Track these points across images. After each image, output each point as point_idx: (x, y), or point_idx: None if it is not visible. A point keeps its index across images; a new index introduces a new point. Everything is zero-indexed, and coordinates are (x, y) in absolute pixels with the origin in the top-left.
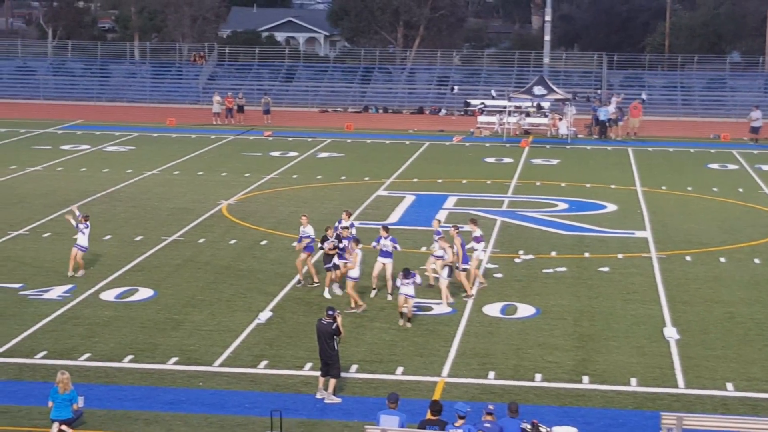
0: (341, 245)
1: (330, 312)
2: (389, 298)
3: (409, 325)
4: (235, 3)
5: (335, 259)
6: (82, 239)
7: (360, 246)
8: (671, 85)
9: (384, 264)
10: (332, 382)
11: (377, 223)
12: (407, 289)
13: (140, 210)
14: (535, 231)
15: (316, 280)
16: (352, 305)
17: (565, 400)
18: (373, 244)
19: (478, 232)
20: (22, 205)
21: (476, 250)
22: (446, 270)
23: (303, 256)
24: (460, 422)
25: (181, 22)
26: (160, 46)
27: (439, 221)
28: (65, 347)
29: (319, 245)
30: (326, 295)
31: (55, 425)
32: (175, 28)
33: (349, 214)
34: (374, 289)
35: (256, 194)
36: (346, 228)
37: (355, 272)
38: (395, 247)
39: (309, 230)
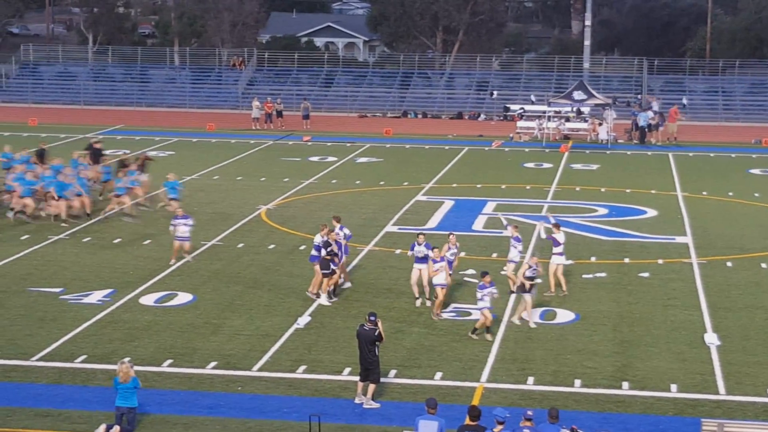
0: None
1: (372, 318)
2: (428, 303)
3: (489, 337)
4: (275, 8)
5: (332, 266)
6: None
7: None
8: (712, 90)
9: (420, 270)
10: (371, 387)
11: (416, 229)
12: (484, 303)
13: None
14: (575, 236)
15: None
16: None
17: (605, 406)
18: (409, 252)
19: (561, 237)
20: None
21: (555, 254)
22: (531, 291)
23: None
24: (499, 428)
25: (221, 28)
26: (200, 52)
27: (517, 227)
28: (105, 351)
29: (323, 251)
30: (324, 302)
31: (119, 412)
32: (215, 33)
33: (338, 220)
34: (417, 297)
35: (295, 199)
36: (333, 232)
37: (440, 278)
38: (428, 254)
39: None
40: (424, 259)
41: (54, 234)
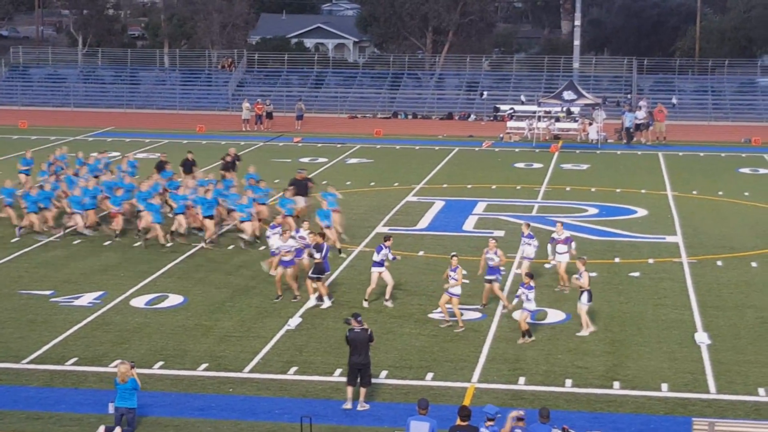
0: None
1: (359, 318)
2: (389, 304)
3: (529, 340)
4: (265, 10)
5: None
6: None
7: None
8: (702, 89)
9: (380, 273)
10: (363, 390)
11: (407, 229)
12: (530, 305)
13: (170, 217)
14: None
15: (297, 294)
16: (447, 319)
17: (596, 405)
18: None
19: (564, 234)
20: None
21: (559, 253)
22: (585, 295)
23: (286, 270)
24: (489, 423)
25: (211, 29)
26: (190, 53)
27: (528, 225)
28: (96, 354)
29: (315, 256)
30: (320, 303)
31: (118, 413)
32: (205, 35)
33: (298, 222)
34: (366, 300)
35: None
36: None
37: (457, 289)
38: (394, 258)
39: (292, 243)
40: (381, 263)
41: (44, 236)
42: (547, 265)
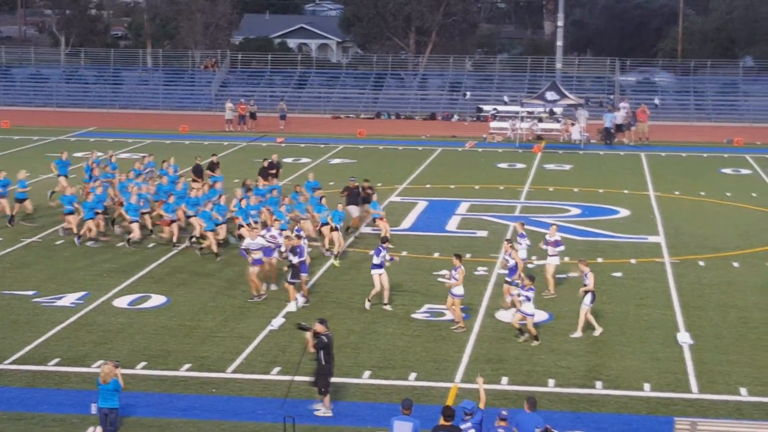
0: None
1: (326, 323)
2: (388, 308)
3: (535, 343)
4: (248, 10)
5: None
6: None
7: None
8: (684, 90)
9: (380, 275)
10: (329, 397)
11: (390, 230)
12: (527, 306)
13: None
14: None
15: (262, 291)
16: (457, 321)
17: (578, 405)
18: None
19: (555, 237)
20: (35, 213)
21: (549, 255)
22: (589, 296)
23: (254, 269)
24: (467, 417)
25: (194, 29)
26: (173, 53)
27: (523, 224)
28: (78, 354)
29: (291, 259)
30: (292, 308)
31: (101, 413)
32: (188, 35)
33: (268, 221)
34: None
35: None
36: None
37: (459, 290)
38: (392, 259)
39: (260, 241)
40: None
41: (26, 237)
42: (530, 265)
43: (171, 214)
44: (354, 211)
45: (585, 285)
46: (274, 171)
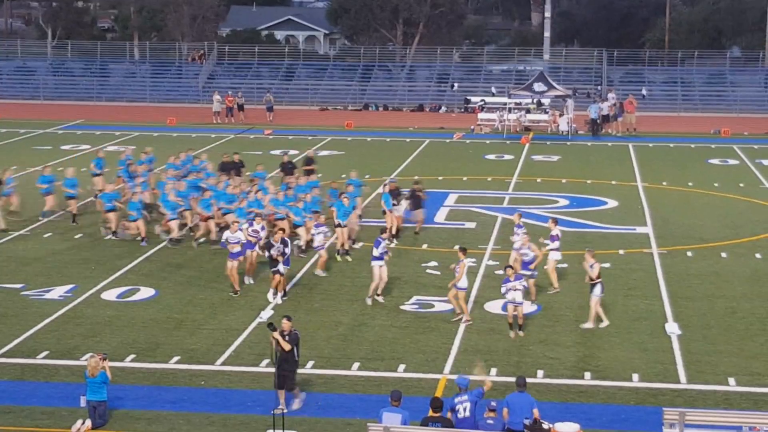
0: (286, 251)
1: (292, 319)
2: (380, 299)
3: (521, 333)
4: (235, 2)
5: (280, 266)
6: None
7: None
8: (671, 80)
9: (380, 267)
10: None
11: (379, 222)
12: (516, 294)
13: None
14: (537, 228)
15: (237, 288)
16: (458, 312)
17: (567, 396)
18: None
19: (555, 231)
20: (23, 206)
21: (552, 250)
22: (598, 287)
23: (232, 263)
24: (460, 392)
25: (181, 21)
26: (160, 46)
27: (520, 214)
28: (67, 347)
29: (266, 253)
30: (269, 297)
31: (90, 406)
32: (175, 27)
33: (255, 219)
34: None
35: None
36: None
37: (462, 282)
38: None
39: (239, 235)
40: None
41: (14, 230)
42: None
43: (207, 210)
44: (418, 214)
45: (590, 275)
46: (311, 167)
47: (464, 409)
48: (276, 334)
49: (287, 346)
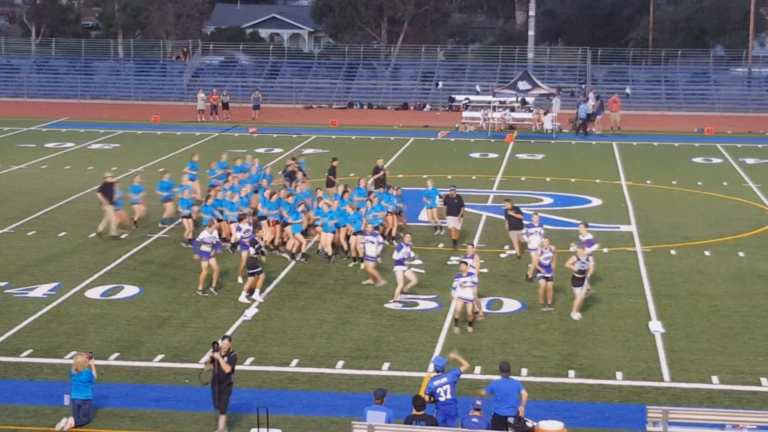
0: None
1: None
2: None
3: (470, 329)
4: (219, 0)
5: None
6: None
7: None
8: (655, 79)
9: (404, 271)
10: (225, 417)
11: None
12: (464, 292)
13: (125, 208)
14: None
15: (200, 288)
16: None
17: (551, 394)
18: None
19: (588, 236)
20: (7, 204)
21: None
22: (586, 281)
23: (203, 263)
24: (436, 375)
25: (165, 19)
26: (144, 43)
27: (537, 213)
28: (51, 345)
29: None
30: (256, 296)
31: (74, 404)
32: (159, 25)
33: (241, 218)
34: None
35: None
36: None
37: (473, 278)
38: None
39: (215, 235)
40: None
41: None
42: (502, 255)
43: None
44: (452, 221)
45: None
46: (380, 175)
47: (445, 392)
48: (216, 355)
49: (227, 368)
